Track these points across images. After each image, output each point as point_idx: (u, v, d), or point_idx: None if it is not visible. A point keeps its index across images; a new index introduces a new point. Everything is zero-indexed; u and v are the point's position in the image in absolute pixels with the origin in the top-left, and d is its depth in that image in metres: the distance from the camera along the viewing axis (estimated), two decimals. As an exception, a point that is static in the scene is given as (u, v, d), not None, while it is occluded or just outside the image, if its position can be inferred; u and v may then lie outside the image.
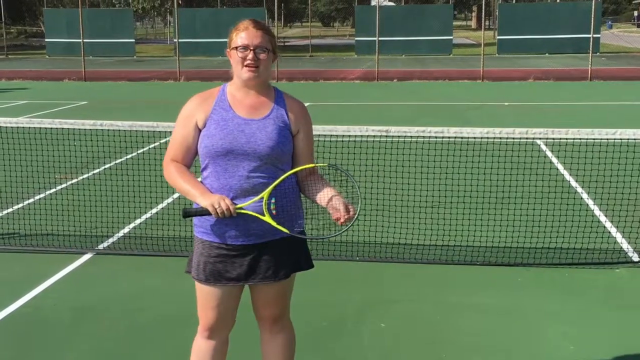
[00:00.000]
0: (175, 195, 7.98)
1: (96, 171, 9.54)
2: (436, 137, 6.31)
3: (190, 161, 3.18)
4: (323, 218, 3.21)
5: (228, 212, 2.97)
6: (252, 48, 3.06)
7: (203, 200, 3.01)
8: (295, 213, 3.18)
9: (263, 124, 3.08)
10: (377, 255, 6.12)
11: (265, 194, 3.03)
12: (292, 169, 3.18)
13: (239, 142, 3.04)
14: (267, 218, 3.03)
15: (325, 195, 3.10)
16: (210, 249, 3.14)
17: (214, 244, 3.13)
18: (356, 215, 3.04)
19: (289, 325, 3.45)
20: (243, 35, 3.08)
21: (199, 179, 3.15)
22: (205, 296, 3.22)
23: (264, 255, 3.14)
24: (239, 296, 3.28)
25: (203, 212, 3.03)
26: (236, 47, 3.08)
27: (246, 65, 3.06)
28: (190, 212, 3.08)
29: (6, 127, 6.85)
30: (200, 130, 3.11)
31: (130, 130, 6.73)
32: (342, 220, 3.01)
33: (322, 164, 3.15)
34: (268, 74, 3.17)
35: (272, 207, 3.05)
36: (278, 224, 3.04)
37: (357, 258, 6.08)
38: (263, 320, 3.37)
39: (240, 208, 3.02)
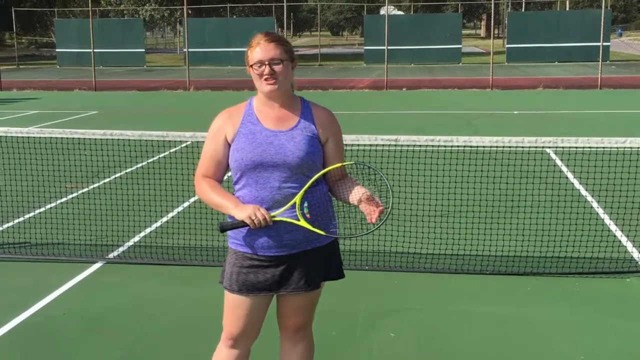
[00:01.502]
0: (186, 204, 8.00)
1: (106, 180, 9.58)
2: (445, 146, 6.31)
3: (221, 176, 3.22)
4: (355, 217, 3.22)
5: (264, 221, 3.01)
6: (266, 63, 3.09)
7: (238, 212, 3.03)
8: (329, 217, 3.20)
9: (291, 135, 3.12)
10: (386, 264, 6.12)
11: (297, 198, 3.06)
12: (324, 177, 3.21)
13: (268, 154, 3.08)
14: (302, 222, 3.06)
15: (356, 195, 3.11)
16: (243, 259, 3.17)
17: (247, 255, 3.16)
18: (389, 209, 3.05)
19: (310, 335, 3.47)
20: (257, 51, 3.11)
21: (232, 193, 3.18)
22: (234, 306, 3.23)
23: (296, 265, 3.17)
24: (267, 307, 3.30)
25: (239, 225, 3.06)
26: (252, 65, 3.13)
27: (265, 80, 3.10)
28: (226, 226, 3.10)
29: (17, 136, 6.90)
30: (229, 145, 3.15)
31: (140, 140, 6.76)
32: (373, 218, 3.02)
33: (348, 162, 3.18)
34: (289, 83, 3.19)
35: (306, 211, 3.08)
36: (313, 227, 3.07)
37: (367, 267, 6.07)
38: (286, 329, 3.39)
39: (275, 216, 3.05)
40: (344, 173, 3.25)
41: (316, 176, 3.11)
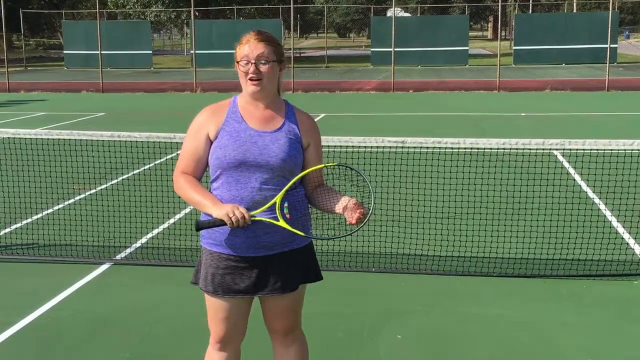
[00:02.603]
0: (192, 206, 8.01)
1: (114, 182, 9.61)
2: (452, 148, 6.31)
3: (200, 173, 3.18)
4: (334, 219, 3.21)
5: (243, 220, 2.97)
6: (253, 61, 3.06)
7: (216, 210, 3.00)
8: (307, 219, 3.19)
9: (275, 137, 3.10)
10: (393, 266, 6.11)
11: (277, 199, 3.03)
12: (302, 183, 3.19)
13: (252, 153, 3.05)
14: (282, 223, 3.03)
15: (342, 203, 3.06)
16: (218, 260, 3.14)
17: (222, 255, 3.13)
18: (370, 211, 3.02)
19: (301, 337, 3.44)
20: (245, 48, 3.09)
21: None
22: (215, 308, 3.22)
23: (273, 267, 3.14)
24: (249, 308, 3.28)
25: (217, 223, 3.01)
26: (238, 61, 3.11)
27: (249, 79, 3.08)
28: (203, 224, 3.06)
29: (25, 138, 6.93)
30: (211, 142, 3.12)
31: (148, 142, 6.78)
32: (353, 220, 2.98)
33: (331, 164, 3.14)
34: (274, 85, 3.16)
35: (286, 211, 3.05)
36: (293, 227, 3.05)
37: (373, 269, 6.07)
38: (275, 333, 3.37)
39: (253, 215, 3.02)
40: (321, 181, 3.22)
41: (298, 176, 3.08)
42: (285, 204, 3.05)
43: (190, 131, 3.18)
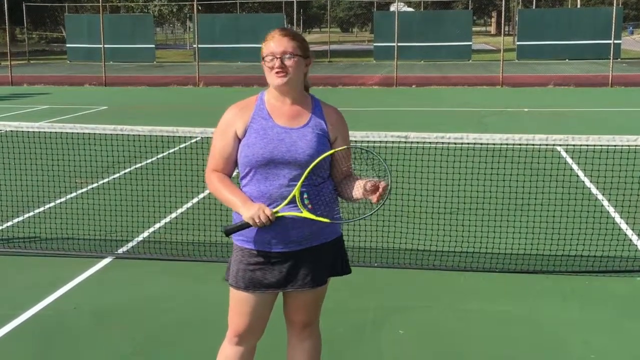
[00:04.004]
0: (195, 200, 8.01)
1: (116, 176, 9.61)
2: (455, 143, 6.29)
3: (231, 170, 3.21)
4: (353, 206, 3.21)
5: (267, 221, 3.00)
6: (278, 56, 3.07)
7: (244, 211, 3.02)
8: (332, 206, 3.17)
9: (302, 133, 3.10)
10: (395, 261, 6.10)
11: (295, 191, 3.04)
12: (331, 176, 3.20)
13: (280, 151, 3.06)
14: (305, 214, 3.04)
15: (358, 188, 3.08)
16: (249, 256, 3.16)
17: (253, 252, 3.15)
18: (389, 188, 3.02)
19: (317, 332, 3.47)
20: (270, 44, 3.10)
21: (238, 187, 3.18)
22: (240, 303, 3.22)
23: (303, 262, 3.16)
24: (273, 304, 3.29)
25: (243, 227, 3.06)
26: (264, 57, 3.11)
27: (275, 73, 3.08)
28: (231, 230, 3.09)
29: (28, 131, 6.93)
30: (239, 140, 3.13)
31: (150, 135, 6.78)
32: (375, 199, 3.01)
33: (341, 148, 3.14)
34: (301, 79, 3.16)
35: (307, 202, 3.06)
36: (317, 216, 3.05)
37: (376, 264, 6.07)
38: (293, 325, 3.39)
39: (277, 212, 3.03)
40: (349, 172, 3.23)
41: (310, 166, 3.05)
42: (305, 195, 3.06)
43: (218, 129, 3.19)
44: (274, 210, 3.03)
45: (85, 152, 8.13)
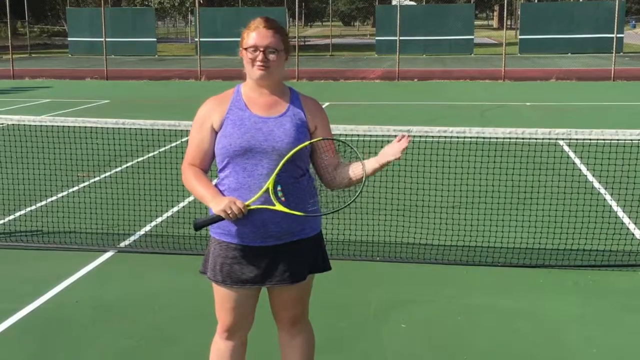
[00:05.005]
0: (196, 194, 8.00)
1: (118, 169, 9.60)
2: (458, 137, 6.27)
3: (208, 165, 3.18)
4: (331, 193, 3.19)
5: (240, 213, 2.96)
6: (262, 49, 3.04)
7: (214, 205, 2.99)
8: (306, 199, 3.12)
9: (280, 122, 3.07)
10: (397, 255, 6.10)
11: (269, 183, 3.01)
12: (312, 167, 3.19)
13: (257, 140, 3.03)
14: (278, 207, 3.01)
15: (357, 166, 3.10)
16: (227, 250, 3.13)
17: (231, 245, 3.12)
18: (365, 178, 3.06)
19: (308, 327, 3.44)
20: (253, 35, 3.07)
21: (216, 180, 3.15)
22: (223, 298, 3.21)
23: (281, 257, 3.13)
24: (257, 298, 3.27)
25: (214, 220, 3.01)
26: (246, 48, 3.08)
27: (256, 66, 3.05)
28: (200, 223, 3.05)
29: (29, 125, 6.92)
30: (216, 133, 3.10)
31: (152, 129, 6.76)
32: (405, 139, 3.06)
33: (317, 139, 3.11)
34: (280, 73, 3.13)
35: (280, 194, 3.03)
36: (290, 209, 3.02)
37: (378, 258, 6.06)
38: (282, 322, 3.37)
39: (249, 205, 3.00)
40: (337, 162, 3.19)
41: (286, 157, 3.01)
42: (279, 187, 3.03)
43: (195, 123, 3.16)
44: (247, 203, 3.00)
45: (87, 146, 8.13)
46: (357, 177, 3.12)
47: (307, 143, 3.08)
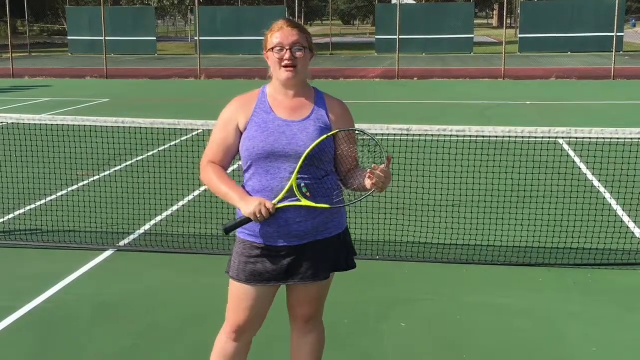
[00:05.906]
0: (196, 193, 8.01)
1: (117, 168, 9.60)
2: (457, 136, 6.28)
3: (228, 163, 3.19)
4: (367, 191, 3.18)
5: (268, 214, 2.97)
6: (288, 47, 3.04)
7: (244, 206, 2.99)
8: (331, 191, 3.12)
9: (304, 126, 3.08)
10: (397, 254, 6.10)
11: (292, 182, 3.02)
12: (335, 169, 3.18)
13: (280, 143, 3.04)
14: (304, 202, 3.03)
15: (363, 177, 3.04)
16: (251, 249, 3.14)
17: (255, 245, 3.13)
18: (390, 164, 3.00)
19: (321, 326, 3.46)
20: (278, 35, 3.06)
21: (243, 181, 3.16)
22: (241, 296, 3.20)
23: (305, 256, 3.14)
24: (273, 298, 3.28)
25: (243, 223, 3.04)
26: (272, 48, 3.07)
27: (284, 66, 3.05)
28: (230, 227, 3.08)
29: (29, 124, 6.92)
30: (241, 133, 3.12)
31: (152, 128, 6.77)
32: (368, 186, 2.97)
33: (333, 132, 3.10)
34: (306, 72, 3.14)
35: (305, 190, 3.05)
36: (317, 203, 3.04)
37: (378, 257, 6.06)
38: (296, 319, 3.38)
39: (276, 204, 3.02)
40: (354, 163, 3.21)
41: (308, 150, 3.01)
42: (302, 184, 3.04)
43: (219, 122, 3.17)
44: (273, 202, 3.02)
45: (87, 145, 8.12)
46: (363, 187, 3.09)
47: (327, 135, 3.06)
